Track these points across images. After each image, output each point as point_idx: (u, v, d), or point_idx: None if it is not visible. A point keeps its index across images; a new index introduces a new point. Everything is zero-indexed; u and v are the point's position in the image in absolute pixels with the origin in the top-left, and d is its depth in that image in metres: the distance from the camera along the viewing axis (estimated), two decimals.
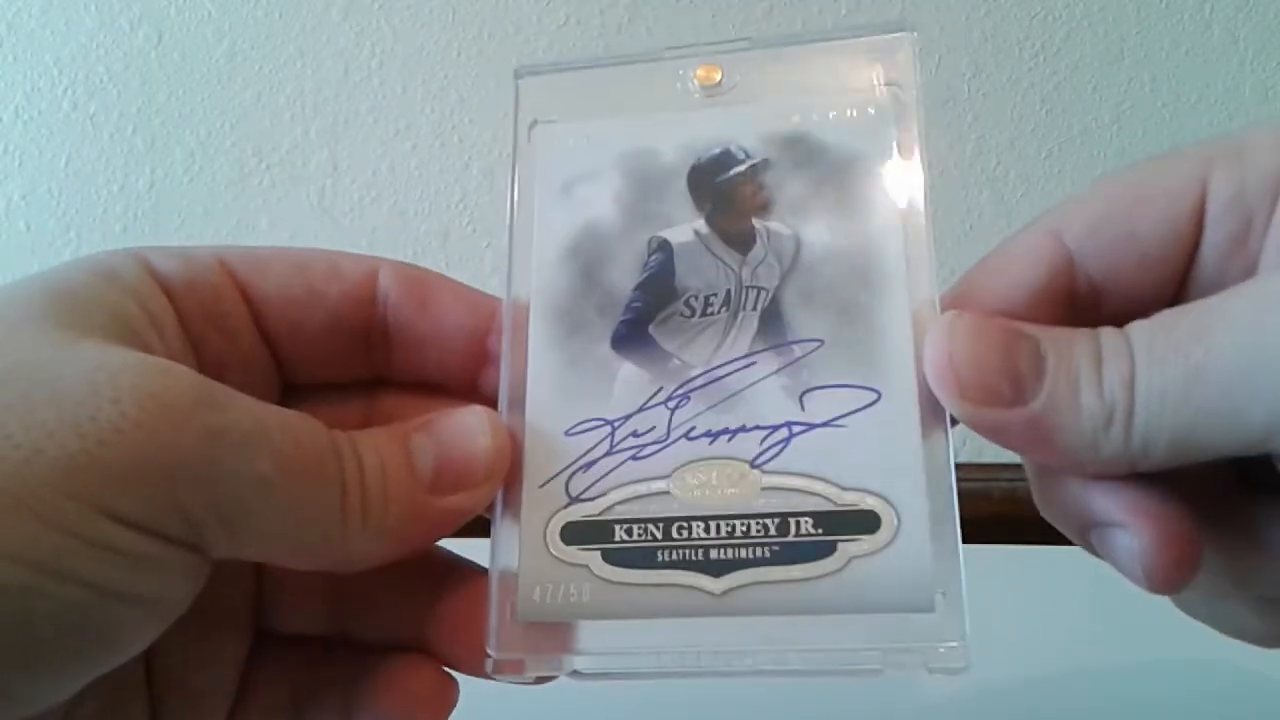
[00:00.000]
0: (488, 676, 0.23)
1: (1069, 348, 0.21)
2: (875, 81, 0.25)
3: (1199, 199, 0.23)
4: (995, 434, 0.22)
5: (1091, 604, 0.34)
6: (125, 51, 0.71)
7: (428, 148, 0.70)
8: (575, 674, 0.23)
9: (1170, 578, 0.21)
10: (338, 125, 0.71)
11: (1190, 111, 0.68)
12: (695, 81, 0.26)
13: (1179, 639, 0.25)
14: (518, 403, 0.24)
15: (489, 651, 0.23)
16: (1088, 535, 0.22)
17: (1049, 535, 0.25)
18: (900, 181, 0.24)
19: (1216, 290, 0.21)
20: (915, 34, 0.25)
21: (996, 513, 0.22)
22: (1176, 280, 0.23)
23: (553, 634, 0.23)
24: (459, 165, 0.70)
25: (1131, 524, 0.21)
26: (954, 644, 0.21)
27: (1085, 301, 0.24)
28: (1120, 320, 0.22)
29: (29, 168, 0.72)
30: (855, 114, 0.25)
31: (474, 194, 0.70)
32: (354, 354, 0.26)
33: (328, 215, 0.71)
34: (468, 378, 0.26)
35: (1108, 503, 0.22)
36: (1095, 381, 0.21)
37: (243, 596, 0.27)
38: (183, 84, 0.71)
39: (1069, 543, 0.24)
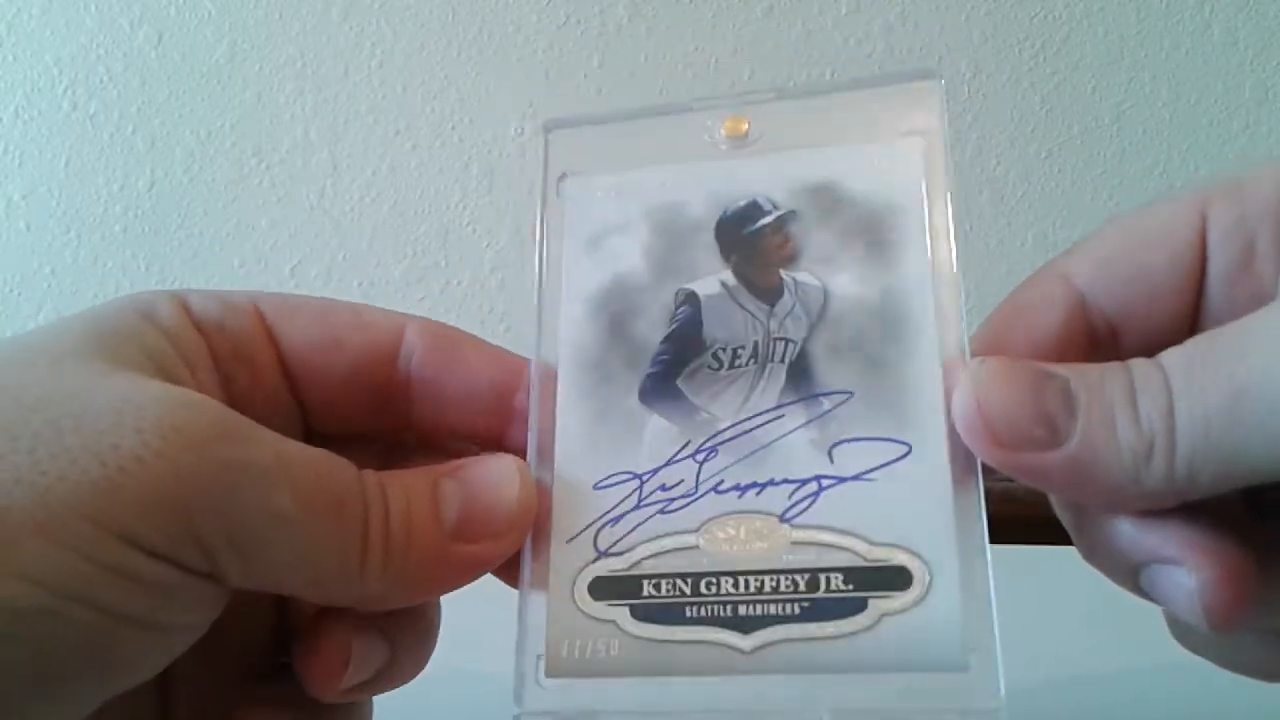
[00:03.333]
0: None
1: (1100, 383, 0.21)
2: (903, 130, 0.25)
3: (1199, 229, 0.23)
4: (1034, 478, 0.21)
5: (1091, 604, 0.34)
6: (125, 51, 0.71)
7: (428, 148, 0.70)
8: None
9: (1230, 614, 0.21)
10: (338, 125, 0.71)
11: (1190, 111, 0.68)
12: (723, 133, 0.26)
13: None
14: (546, 455, 0.24)
15: (515, 707, 0.23)
16: (1138, 576, 0.22)
17: (1048, 535, 0.25)
18: (929, 232, 0.24)
19: (1228, 316, 0.21)
20: (943, 81, 0.25)
21: (996, 513, 0.22)
22: (1189, 311, 0.24)
23: (580, 691, 0.23)
24: (459, 165, 0.70)
25: (1187, 560, 0.21)
26: (989, 705, 0.21)
27: (1104, 340, 0.24)
28: (1141, 355, 0.22)
29: (29, 168, 0.72)
30: (883, 163, 0.25)
31: (474, 194, 0.70)
32: (373, 407, 0.26)
33: (328, 215, 0.71)
34: (494, 435, 0.26)
35: (1159, 539, 0.21)
36: (1131, 414, 0.21)
37: (263, 625, 0.27)
38: (183, 84, 0.71)
39: (1069, 542, 0.24)
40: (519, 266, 0.70)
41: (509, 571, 0.24)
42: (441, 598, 0.28)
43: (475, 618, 0.29)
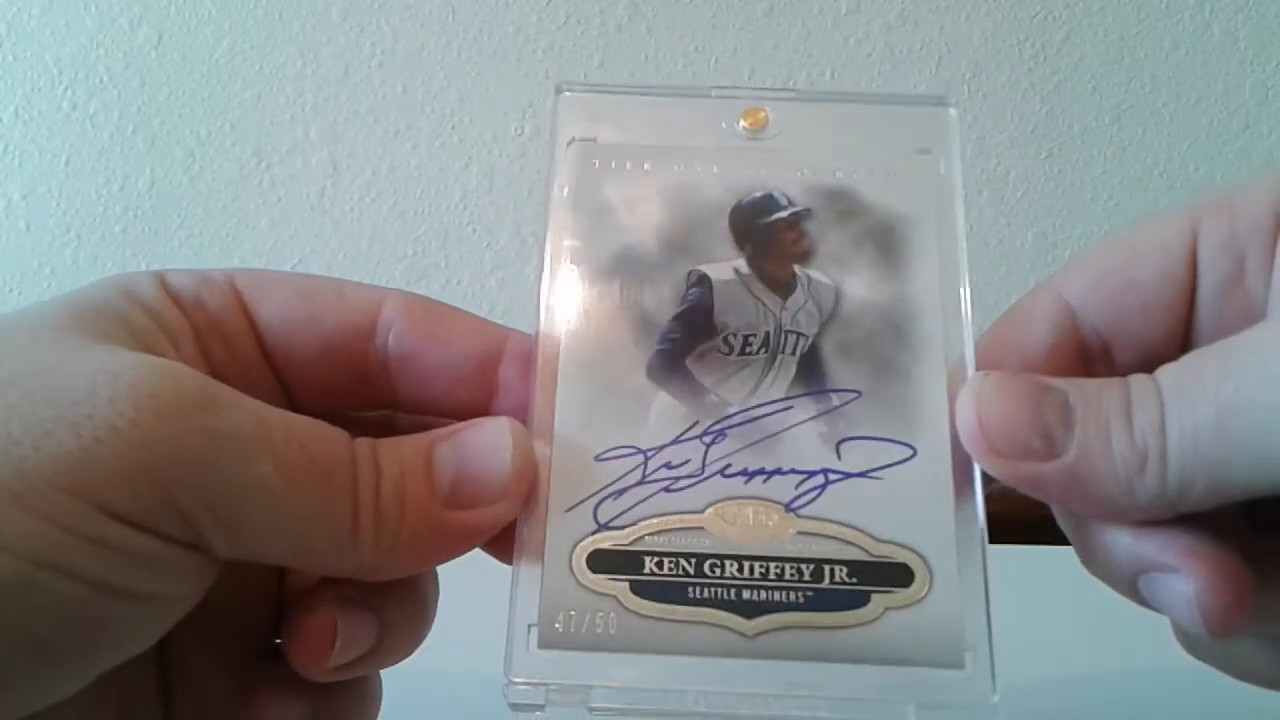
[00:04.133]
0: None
1: (1098, 397, 0.22)
2: (916, 148, 0.26)
3: (1190, 245, 0.24)
4: (1031, 487, 0.22)
5: (1091, 604, 0.34)
6: (125, 51, 0.71)
7: (428, 148, 0.70)
8: (595, 709, 0.22)
9: (1228, 619, 0.21)
10: (338, 125, 0.71)
11: (1190, 111, 0.68)
12: (741, 124, 0.26)
13: (1177, 642, 0.25)
14: (546, 423, 0.24)
15: (505, 676, 0.22)
16: (1136, 584, 0.22)
17: (1048, 535, 0.25)
18: (939, 244, 0.25)
19: (1220, 332, 0.22)
20: (955, 110, 0.26)
21: (997, 512, 0.22)
22: (1181, 326, 0.24)
23: (574, 664, 0.22)
24: (459, 165, 0.70)
25: (1184, 566, 0.21)
26: (984, 703, 0.21)
27: (1096, 355, 0.24)
28: (1134, 370, 0.22)
29: (29, 168, 0.72)
30: (896, 177, 0.26)
31: (474, 194, 0.70)
32: (355, 382, 0.26)
33: (328, 215, 0.71)
34: (478, 408, 0.26)
35: (1157, 547, 0.21)
36: (1125, 428, 0.21)
37: (264, 602, 0.27)
38: (183, 84, 0.71)
39: (1068, 542, 0.24)
40: (519, 266, 0.70)
41: (504, 548, 0.23)
42: (446, 599, 0.27)
43: (480, 617, 0.29)
